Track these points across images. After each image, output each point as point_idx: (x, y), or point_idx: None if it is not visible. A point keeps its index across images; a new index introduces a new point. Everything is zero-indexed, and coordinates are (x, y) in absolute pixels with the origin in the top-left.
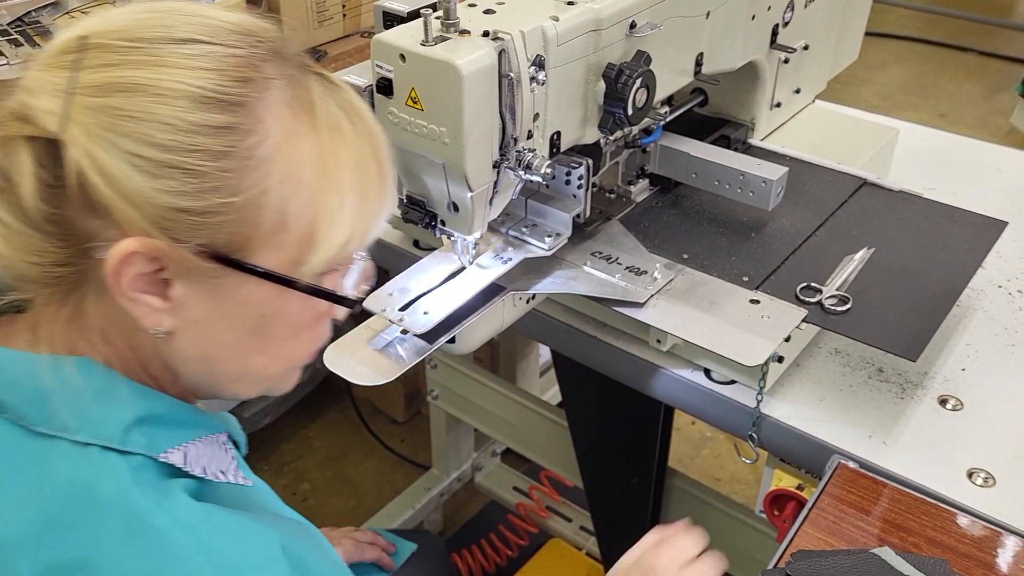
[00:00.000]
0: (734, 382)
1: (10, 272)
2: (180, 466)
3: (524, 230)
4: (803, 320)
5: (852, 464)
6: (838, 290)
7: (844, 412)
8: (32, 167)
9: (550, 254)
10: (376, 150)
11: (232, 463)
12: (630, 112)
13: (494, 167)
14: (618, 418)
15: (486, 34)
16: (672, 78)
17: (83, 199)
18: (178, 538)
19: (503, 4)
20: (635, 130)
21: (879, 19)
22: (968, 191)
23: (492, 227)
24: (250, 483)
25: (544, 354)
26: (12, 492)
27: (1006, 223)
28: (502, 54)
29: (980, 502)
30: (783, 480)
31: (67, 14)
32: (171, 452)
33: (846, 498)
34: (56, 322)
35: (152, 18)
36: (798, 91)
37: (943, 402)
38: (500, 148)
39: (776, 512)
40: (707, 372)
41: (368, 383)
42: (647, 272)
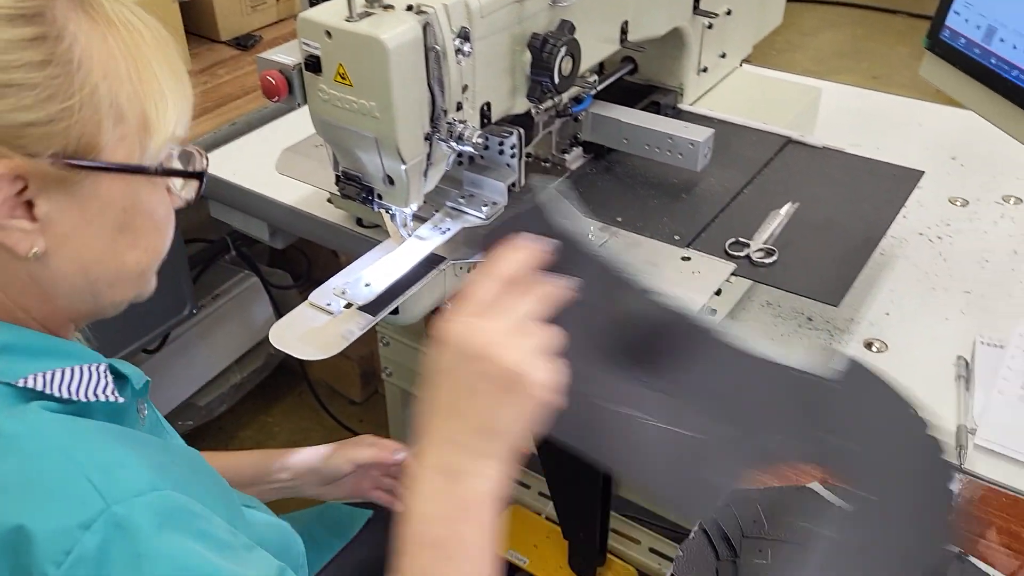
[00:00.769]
0: None
1: None
2: (41, 389)
3: (461, 200)
4: (732, 273)
5: None
6: (765, 243)
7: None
8: None
9: (488, 223)
10: (169, 40)
11: (108, 386)
12: (557, 81)
13: (426, 139)
14: None
15: (410, 8)
16: (598, 46)
17: None
18: (29, 440)
19: None
20: (565, 99)
21: None
22: (890, 146)
23: (428, 199)
24: (123, 400)
25: None
26: None
27: (922, 172)
28: (427, 27)
29: None
30: None
31: None
32: (30, 378)
33: None
34: None
35: None
36: (724, 56)
37: (868, 345)
38: (431, 120)
39: None
40: None
41: (314, 358)
42: None
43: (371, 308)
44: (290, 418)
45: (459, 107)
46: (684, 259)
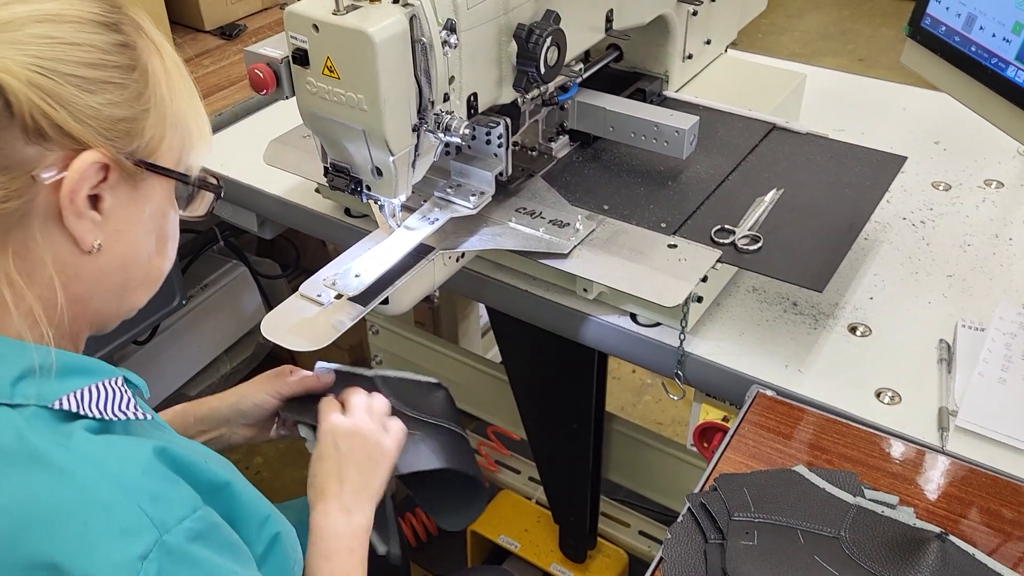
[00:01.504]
0: (659, 324)
1: None
2: (76, 410)
3: (449, 191)
4: (718, 260)
5: (770, 392)
6: (750, 230)
7: (761, 345)
8: None
9: (475, 212)
10: (182, 65)
11: (131, 401)
12: (543, 70)
13: (414, 130)
14: (554, 368)
15: (396, 1)
16: (584, 35)
17: (30, 126)
18: (82, 469)
19: None
20: (551, 88)
21: None
22: (874, 130)
23: (417, 189)
24: (149, 417)
25: (485, 315)
26: None
27: (905, 158)
28: (413, 20)
29: (887, 419)
30: (710, 414)
31: None
32: (64, 399)
33: (765, 424)
34: None
35: None
36: (708, 42)
37: (853, 329)
38: (418, 112)
39: (705, 444)
40: (633, 316)
41: (306, 349)
42: (570, 224)
43: (361, 299)
44: None
45: (446, 98)
46: (671, 246)
